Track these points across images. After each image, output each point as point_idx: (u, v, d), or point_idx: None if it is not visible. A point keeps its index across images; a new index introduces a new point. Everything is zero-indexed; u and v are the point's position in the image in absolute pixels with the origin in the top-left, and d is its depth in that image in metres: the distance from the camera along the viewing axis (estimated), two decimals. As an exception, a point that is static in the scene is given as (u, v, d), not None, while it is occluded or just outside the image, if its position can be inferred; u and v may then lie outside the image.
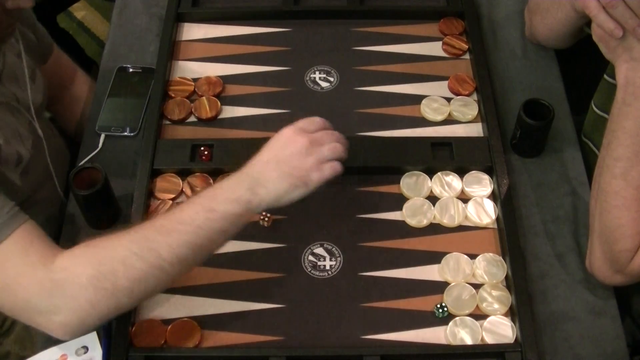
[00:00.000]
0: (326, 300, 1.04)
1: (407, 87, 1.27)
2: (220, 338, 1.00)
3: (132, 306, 0.96)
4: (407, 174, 1.15)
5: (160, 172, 1.15)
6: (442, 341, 1.00)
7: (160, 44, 1.30)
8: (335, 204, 1.13)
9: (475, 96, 1.25)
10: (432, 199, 1.13)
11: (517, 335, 1.00)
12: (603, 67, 1.13)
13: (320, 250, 1.09)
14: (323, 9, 1.37)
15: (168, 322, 1.01)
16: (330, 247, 1.09)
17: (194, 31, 1.35)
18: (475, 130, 1.21)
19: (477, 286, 1.04)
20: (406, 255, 1.08)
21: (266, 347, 0.99)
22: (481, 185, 1.14)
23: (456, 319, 1.01)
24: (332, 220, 1.11)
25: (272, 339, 1.01)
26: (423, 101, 1.24)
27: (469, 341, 0.99)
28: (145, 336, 0.99)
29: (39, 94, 1.19)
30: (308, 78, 1.29)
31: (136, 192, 1.11)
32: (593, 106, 1.18)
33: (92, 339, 0.97)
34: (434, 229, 1.11)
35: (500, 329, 1.01)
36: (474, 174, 1.15)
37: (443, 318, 1.02)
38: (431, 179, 1.14)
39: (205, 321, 1.02)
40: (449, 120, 1.22)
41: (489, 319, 1.01)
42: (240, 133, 1.21)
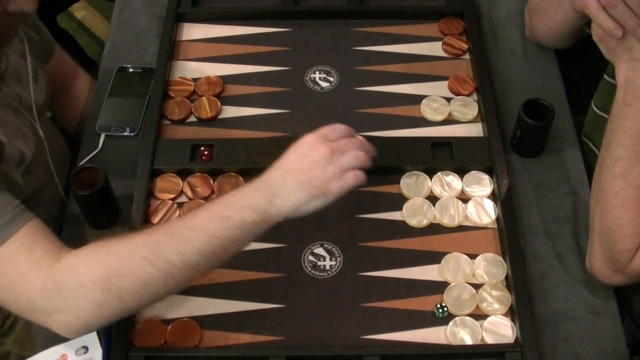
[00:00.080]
0: (326, 300, 1.04)
1: (407, 87, 1.26)
2: (220, 338, 1.00)
3: (140, 309, 0.95)
4: (407, 174, 1.15)
5: (160, 172, 1.15)
6: (442, 341, 1.00)
7: (160, 44, 1.30)
8: (335, 204, 1.12)
9: (475, 96, 1.25)
10: (432, 199, 1.13)
11: (517, 335, 1.00)
12: (603, 67, 1.13)
13: (320, 250, 1.09)
14: (323, 9, 1.37)
15: (168, 322, 1.01)
16: (330, 247, 1.09)
17: (194, 31, 1.35)
18: (475, 130, 1.21)
19: (477, 286, 1.04)
20: (406, 255, 1.08)
21: (266, 347, 0.99)
22: (481, 185, 1.14)
23: (456, 319, 1.01)
24: (332, 220, 1.11)
25: (272, 339, 1.01)
26: (423, 101, 1.24)
27: (469, 341, 0.99)
28: (145, 336, 0.99)
29: (41, 94, 1.19)
30: (308, 78, 1.29)
31: (136, 192, 1.11)
32: (593, 106, 1.18)
33: (92, 339, 0.97)
34: (434, 229, 1.11)
35: (500, 329, 1.01)
36: (474, 174, 1.15)
37: (443, 318, 1.02)
38: (431, 179, 1.14)
39: (205, 321, 1.02)
40: (449, 120, 1.22)
41: (489, 319, 1.01)
42: (240, 133, 1.21)
